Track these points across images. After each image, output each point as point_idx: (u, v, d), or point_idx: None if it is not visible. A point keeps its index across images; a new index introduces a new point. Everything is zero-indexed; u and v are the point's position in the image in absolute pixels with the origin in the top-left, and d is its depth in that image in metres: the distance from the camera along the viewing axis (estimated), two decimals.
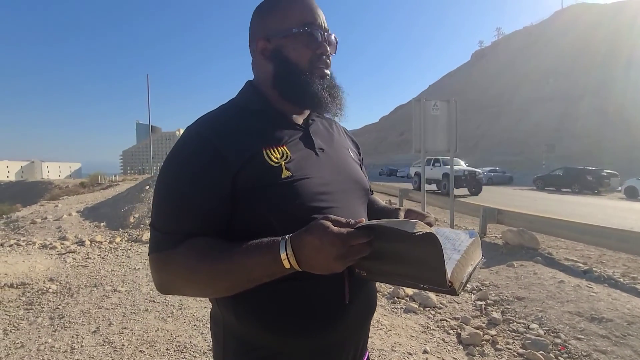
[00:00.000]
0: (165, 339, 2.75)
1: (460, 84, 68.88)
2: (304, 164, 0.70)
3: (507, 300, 3.51)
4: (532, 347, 2.60)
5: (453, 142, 6.66)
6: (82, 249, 5.69)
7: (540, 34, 65.70)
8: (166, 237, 0.65)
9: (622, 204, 13.02)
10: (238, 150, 0.66)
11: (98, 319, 3.12)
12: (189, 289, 0.66)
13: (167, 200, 0.66)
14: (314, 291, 0.67)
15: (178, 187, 0.65)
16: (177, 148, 0.69)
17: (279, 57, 0.74)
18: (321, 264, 0.55)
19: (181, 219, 0.65)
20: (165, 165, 0.69)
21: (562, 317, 3.02)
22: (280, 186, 0.65)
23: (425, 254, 0.54)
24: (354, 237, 0.54)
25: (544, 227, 5.58)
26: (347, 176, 0.78)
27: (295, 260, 0.56)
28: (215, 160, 0.65)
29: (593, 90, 43.20)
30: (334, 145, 0.82)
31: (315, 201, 0.67)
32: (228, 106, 0.77)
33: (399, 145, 58.12)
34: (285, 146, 0.71)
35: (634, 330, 2.69)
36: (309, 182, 0.68)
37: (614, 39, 48.28)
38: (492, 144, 45.38)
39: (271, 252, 0.57)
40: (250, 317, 0.68)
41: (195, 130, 0.69)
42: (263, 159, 0.67)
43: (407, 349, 2.64)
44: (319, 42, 0.74)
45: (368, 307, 0.77)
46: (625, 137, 34.59)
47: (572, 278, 3.92)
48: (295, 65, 0.73)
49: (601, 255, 5.07)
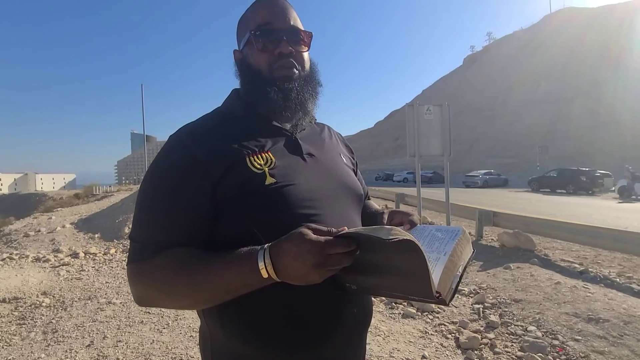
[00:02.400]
0: (161, 351, 2.71)
1: (453, 88, 69.65)
2: (290, 170, 0.69)
3: (504, 303, 3.51)
4: (531, 350, 2.60)
5: (447, 146, 6.70)
6: (76, 261, 5.62)
7: (530, 38, 66.79)
8: (144, 248, 0.64)
9: (615, 204, 13.14)
10: (219, 158, 0.65)
11: (92, 332, 3.07)
12: (167, 300, 0.65)
13: (146, 211, 0.66)
14: (305, 306, 0.66)
15: (158, 197, 0.65)
16: (158, 158, 0.69)
17: (244, 66, 0.76)
18: (298, 273, 0.53)
19: (160, 230, 0.64)
20: (147, 176, 0.69)
21: (560, 318, 3.02)
22: (263, 193, 0.64)
23: (407, 262, 0.52)
24: (331, 246, 0.52)
25: (539, 228, 5.61)
26: (338, 182, 0.76)
27: (273, 269, 0.54)
28: (195, 169, 0.64)
29: (584, 92, 43.83)
30: (325, 150, 0.80)
31: (301, 208, 0.66)
32: (211, 114, 0.76)
33: (395, 150, 58.41)
34: (269, 152, 0.69)
35: (630, 329, 2.70)
36: (294, 188, 0.67)
37: (603, 41, 49.19)
38: (487, 147, 45.75)
39: (249, 261, 0.56)
40: (238, 332, 0.66)
41: (176, 140, 0.69)
42: (246, 166, 0.66)
43: (405, 354, 2.62)
44: (275, 41, 0.72)
45: (362, 320, 0.75)
46: (617, 138, 35.04)
47: (569, 279, 3.93)
48: (256, 71, 0.73)
49: (597, 256, 5.10)
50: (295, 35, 0.74)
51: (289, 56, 0.73)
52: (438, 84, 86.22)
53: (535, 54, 59.17)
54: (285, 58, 0.73)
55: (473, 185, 24.31)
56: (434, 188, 18.60)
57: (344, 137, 0.95)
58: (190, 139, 0.68)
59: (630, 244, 4.40)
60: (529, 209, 10.60)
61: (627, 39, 46.66)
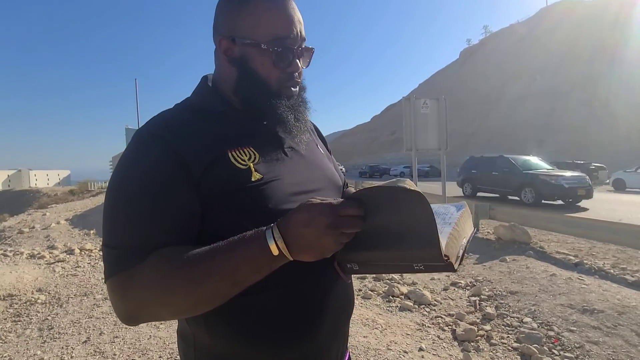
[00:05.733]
0: (158, 346, 2.70)
1: (449, 82, 69.59)
2: (274, 164, 0.67)
3: (500, 295, 3.53)
4: (526, 341, 2.62)
5: (444, 140, 6.70)
6: (72, 257, 5.58)
7: (526, 31, 66.74)
8: (129, 254, 0.56)
9: (610, 196, 13.25)
10: (199, 153, 0.61)
11: (89, 328, 3.05)
12: (164, 307, 0.56)
13: (126, 211, 0.58)
14: (292, 300, 0.65)
15: (137, 196, 0.58)
16: (130, 153, 0.62)
17: (246, 67, 0.68)
18: (312, 239, 0.51)
19: (145, 231, 0.57)
20: (119, 174, 0.61)
21: (555, 310, 3.05)
22: (250, 190, 0.61)
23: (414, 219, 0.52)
24: (343, 207, 0.52)
25: (535, 221, 5.65)
26: (320, 174, 0.75)
27: (284, 244, 0.52)
28: (178, 165, 0.60)
29: (579, 85, 44.02)
30: (304, 142, 0.77)
31: (289, 203, 0.63)
32: (184, 106, 0.71)
33: (391, 144, 58.45)
34: (251, 147, 0.66)
35: (624, 320, 2.73)
36: (280, 183, 0.65)
37: (599, 35, 49.26)
38: (483, 140, 45.91)
39: (257, 240, 0.53)
40: (223, 332, 0.64)
41: (150, 133, 0.63)
42: (229, 161, 0.62)
43: (402, 347, 2.63)
44: (289, 61, 0.68)
45: (346, 310, 0.75)
46: (612, 131, 35.30)
47: (564, 271, 3.96)
48: (264, 82, 0.68)
49: (591, 248, 5.15)
50: (307, 55, 0.72)
51: (299, 75, 0.71)
52: (435, 78, 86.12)
53: (532, 47, 59.21)
54: (294, 78, 0.70)
55: None
56: (431, 182, 18.65)
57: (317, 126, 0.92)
58: (168, 132, 0.62)
59: (624, 235, 4.45)
60: (524, 202, 10.67)
61: (623, 33, 46.78)
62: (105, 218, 0.60)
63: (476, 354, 2.58)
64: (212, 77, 0.74)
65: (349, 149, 65.68)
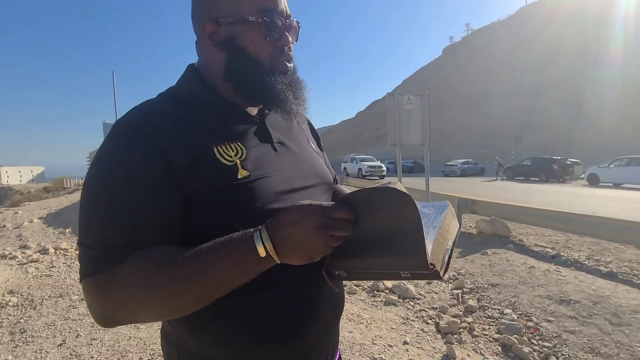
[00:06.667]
0: (139, 347, 2.62)
1: (433, 79, 70.56)
2: (262, 160, 0.63)
3: (482, 288, 3.61)
4: (507, 332, 2.69)
5: (427, 136, 6.77)
6: (46, 257, 5.35)
7: (506, 29, 68.27)
8: (108, 254, 0.53)
9: (585, 190, 13.80)
10: (183, 148, 0.57)
11: (64, 331, 2.93)
12: (146, 309, 0.53)
13: (105, 209, 0.54)
14: (282, 301, 0.62)
15: (116, 192, 0.54)
16: (109, 146, 0.58)
17: (234, 48, 0.64)
18: (301, 240, 0.50)
19: (126, 230, 0.54)
20: (97, 168, 0.57)
21: (534, 301, 3.14)
22: (237, 188, 0.58)
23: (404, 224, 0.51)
24: (334, 209, 0.51)
25: (514, 215, 5.80)
26: (310, 171, 0.72)
27: (271, 245, 0.50)
28: (161, 159, 0.56)
29: (557, 84, 45.45)
30: (294, 137, 0.75)
31: (278, 202, 0.61)
32: (168, 96, 0.66)
33: (376, 140, 58.91)
34: (239, 142, 0.63)
35: (598, 309, 2.83)
36: (269, 181, 0.62)
37: (577, 35, 50.93)
38: (465, 136, 46.87)
39: (244, 241, 0.51)
40: (207, 334, 0.61)
41: (130, 124, 0.58)
42: (214, 157, 0.59)
43: (387, 341, 2.65)
44: (280, 32, 0.65)
45: (337, 309, 0.73)
46: (586, 128, 36.71)
47: (542, 263, 4.09)
48: (255, 59, 0.64)
49: (568, 240, 5.33)
50: (294, 27, 0.69)
51: (289, 49, 0.68)
52: (418, 74, 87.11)
53: (511, 46, 60.68)
54: (285, 50, 0.67)
55: (452, 174, 24.90)
56: (415, 177, 18.90)
57: (310, 121, 0.89)
58: (147, 124, 0.58)
59: (598, 228, 4.62)
60: (504, 197, 10.96)
61: (600, 34, 48.51)
62: (82, 215, 0.56)
63: (459, 346, 2.62)
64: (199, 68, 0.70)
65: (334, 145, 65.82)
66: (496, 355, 2.49)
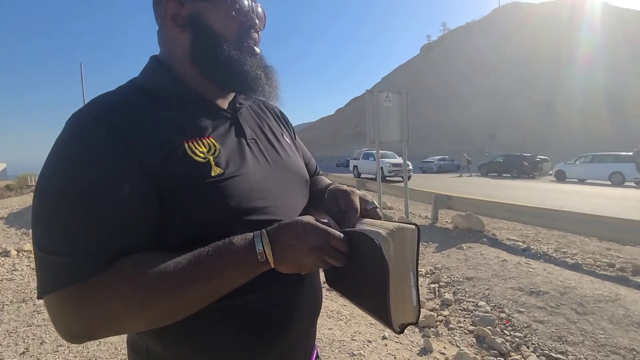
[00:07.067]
0: (109, 353, 2.51)
1: (411, 77, 71.73)
2: (236, 157, 0.60)
3: (457, 281, 3.71)
4: (481, 323, 2.77)
5: (405, 133, 6.87)
6: (7, 260, 5.03)
7: (480, 30, 70.37)
8: (86, 261, 0.48)
9: (553, 186, 14.49)
10: (152, 143, 0.53)
11: (27, 338, 2.76)
12: (136, 320, 0.50)
13: (74, 209, 0.48)
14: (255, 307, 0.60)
15: (85, 191, 0.49)
16: (68, 140, 0.52)
17: (199, 26, 0.60)
18: (296, 253, 0.52)
19: (102, 233, 0.49)
20: (55, 164, 0.51)
21: (506, 293, 3.25)
22: (210, 186, 0.55)
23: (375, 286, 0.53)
24: (335, 238, 0.54)
25: (488, 210, 6.00)
26: (285, 167, 0.69)
27: (270, 251, 0.51)
28: (131, 154, 0.51)
29: (527, 84, 47.40)
30: (268, 132, 0.72)
31: (253, 201, 0.58)
32: (131, 88, 0.61)
33: (355, 137, 59.39)
34: (211, 137, 0.59)
35: (565, 300, 2.97)
36: (243, 178, 0.59)
37: (546, 37, 53.24)
38: (441, 134, 48.07)
39: (245, 244, 0.52)
40: (181, 341, 0.57)
41: (93, 116, 0.52)
42: (186, 154, 0.55)
43: (366, 336, 2.67)
44: (246, 11, 0.62)
45: (315, 309, 0.72)
46: (554, 126, 38.55)
47: (514, 256, 4.24)
48: (222, 37, 0.61)
49: (537, 234, 5.57)
50: (259, 11, 0.66)
51: (256, 31, 0.65)
52: (397, 72, 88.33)
53: (485, 46, 62.60)
54: (252, 32, 0.64)
55: (429, 171, 25.49)
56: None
57: (281, 111, 0.86)
58: (115, 116, 0.53)
59: (565, 222, 4.86)
60: (479, 192, 11.33)
61: (570, 36, 50.85)
62: (39, 217, 0.49)
63: (436, 338, 2.68)
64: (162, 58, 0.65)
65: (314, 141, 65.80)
66: (471, 347, 2.57)
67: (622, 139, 31.28)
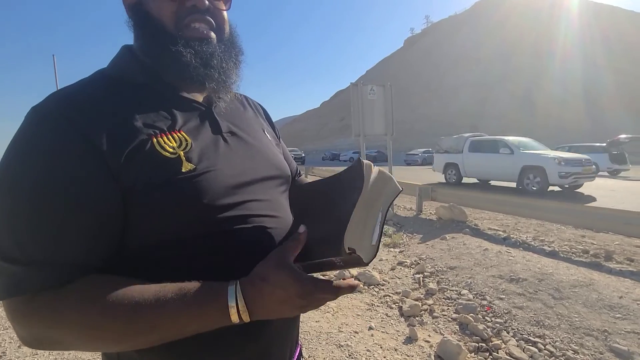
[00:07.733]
0: (91, 354, 2.45)
1: (395, 70, 72.12)
2: (210, 152, 0.57)
3: (441, 271, 3.79)
4: (464, 311, 2.85)
5: (390, 126, 6.92)
6: None
7: (463, 23, 71.22)
8: (38, 273, 0.45)
9: None
10: (116, 138, 0.50)
11: (4, 342, 2.67)
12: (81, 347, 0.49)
13: (29, 215, 0.45)
14: None
15: (43, 193, 0.46)
16: (24, 137, 0.48)
17: (140, 13, 0.58)
18: (277, 313, 0.50)
19: (60, 241, 0.46)
20: (14, 164, 0.47)
21: (487, 281, 3.35)
22: (180, 183, 0.51)
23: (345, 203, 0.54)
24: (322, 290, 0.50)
25: (470, 201, 6.15)
26: (265, 163, 0.66)
27: (247, 315, 0.48)
28: (91, 153, 0.48)
29: (508, 76, 48.48)
30: (246, 126, 0.69)
31: (228, 197, 0.55)
32: (95, 79, 0.57)
33: (340, 130, 59.49)
34: (182, 131, 0.56)
35: (543, 286, 3.09)
36: (217, 174, 0.55)
37: (527, 30, 54.39)
38: (425, 126, 48.73)
39: (216, 300, 0.47)
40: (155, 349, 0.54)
41: (50, 111, 0.49)
42: (154, 149, 0.51)
43: (353, 327, 2.71)
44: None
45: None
46: (531, 118, 39.69)
47: (495, 245, 4.37)
48: (158, 21, 0.57)
49: (517, 223, 5.75)
50: None
51: (205, 12, 0.58)
52: (381, 65, 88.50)
53: (467, 39, 63.44)
54: (199, 13, 0.58)
55: (413, 163, 25.88)
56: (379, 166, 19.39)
57: (265, 109, 0.83)
58: (74, 111, 0.49)
59: (543, 211, 5.04)
60: (462, 183, 11.57)
61: (549, 30, 52.06)
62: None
63: (420, 327, 2.74)
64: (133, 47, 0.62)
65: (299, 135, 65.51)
66: (454, 334, 2.64)
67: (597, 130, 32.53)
